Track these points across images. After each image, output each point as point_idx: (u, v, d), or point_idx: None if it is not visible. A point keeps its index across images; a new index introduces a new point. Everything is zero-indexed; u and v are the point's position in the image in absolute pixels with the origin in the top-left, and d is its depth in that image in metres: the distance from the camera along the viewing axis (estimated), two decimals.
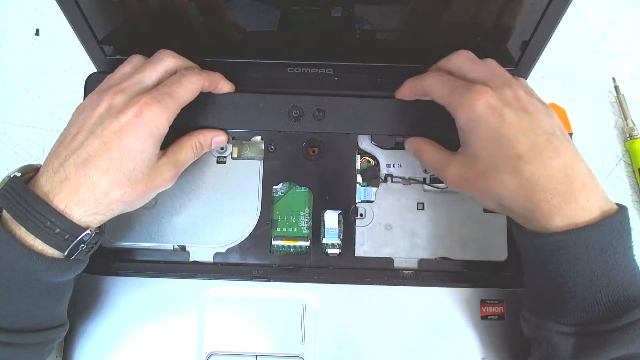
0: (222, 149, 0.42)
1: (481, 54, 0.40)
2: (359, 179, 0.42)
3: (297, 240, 0.41)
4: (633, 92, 0.49)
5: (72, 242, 0.32)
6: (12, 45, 0.52)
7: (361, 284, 0.40)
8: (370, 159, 0.42)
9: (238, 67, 0.41)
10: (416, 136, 0.40)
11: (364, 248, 0.41)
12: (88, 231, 0.32)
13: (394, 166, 0.42)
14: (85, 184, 0.32)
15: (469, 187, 0.35)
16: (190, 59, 0.38)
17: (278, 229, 0.41)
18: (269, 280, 0.40)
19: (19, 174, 0.33)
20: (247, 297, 0.40)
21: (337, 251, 0.41)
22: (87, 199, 0.32)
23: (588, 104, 0.50)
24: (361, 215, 0.41)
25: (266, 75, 0.41)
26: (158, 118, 0.33)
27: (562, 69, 0.50)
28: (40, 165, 0.34)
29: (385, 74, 0.41)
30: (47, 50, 0.52)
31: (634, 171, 0.47)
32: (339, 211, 0.41)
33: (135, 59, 0.37)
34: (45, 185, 0.32)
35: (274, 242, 0.41)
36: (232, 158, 0.42)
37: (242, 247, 0.40)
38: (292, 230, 0.41)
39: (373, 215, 0.41)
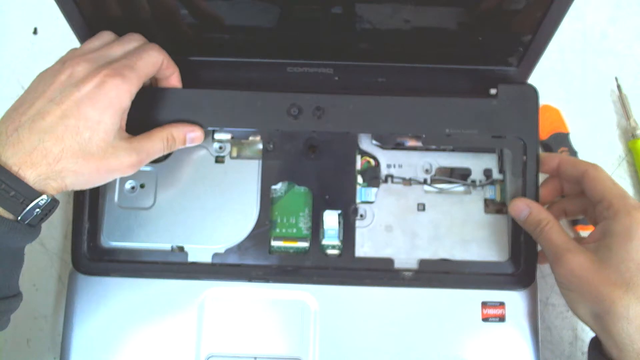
0: (220, 148, 0.42)
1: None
2: (359, 179, 0.41)
3: (296, 240, 0.40)
4: (635, 91, 0.49)
5: (28, 205, 0.31)
6: (10, 44, 0.52)
7: (361, 285, 0.39)
8: (371, 160, 0.42)
9: (237, 66, 0.40)
10: (524, 199, 0.38)
11: (364, 249, 0.40)
12: (44, 196, 0.32)
13: (394, 167, 0.42)
14: (39, 148, 0.31)
15: (580, 286, 0.33)
16: (188, 58, 0.38)
17: (277, 230, 0.41)
18: (268, 281, 0.39)
19: None
20: (246, 298, 0.39)
21: (336, 252, 0.40)
22: (40, 162, 0.31)
23: (590, 103, 0.49)
24: (361, 216, 0.41)
25: (266, 74, 0.41)
26: (119, 89, 0.33)
27: (564, 68, 0.50)
28: None
29: (386, 73, 0.40)
30: (46, 49, 0.51)
31: (636, 171, 0.47)
32: (339, 211, 0.40)
33: (105, 35, 0.37)
34: None
35: (273, 243, 0.40)
36: (231, 157, 0.42)
37: (240, 248, 0.40)
38: (292, 230, 0.41)
39: (373, 216, 0.41)
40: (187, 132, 0.38)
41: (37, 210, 0.32)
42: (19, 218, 0.32)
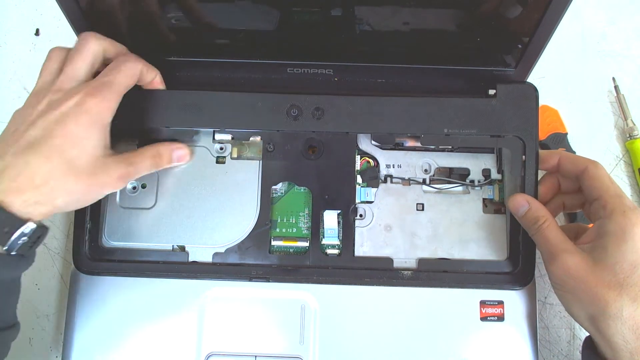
0: (221, 148, 0.42)
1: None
2: (359, 179, 0.42)
3: (296, 240, 0.41)
4: (633, 92, 0.49)
5: (13, 234, 0.31)
6: (12, 45, 0.52)
7: (360, 284, 0.39)
8: (370, 160, 0.42)
9: (238, 67, 0.41)
10: (524, 194, 0.38)
11: (363, 248, 0.41)
12: (29, 224, 0.31)
13: (393, 167, 0.42)
14: (25, 173, 0.31)
15: (575, 286, 0.34)
16: (190, 59, 0.38)
17: (277, 229, 0.41)
18: (268, 281, 0.39)
19: None
20: (247, 298, 0.40)
21: (336, 251, 0.40)
22: (26, 186, 0.31)
23: (588, 104, 0.50)
24: (361, 215, 0.41)
25: (266, 75, 0.41)
26: (99, 107, 0.33)
27: (562, 69, 0.50)
28: None
29: (385, 74, 0.41)
30: (47, 50, 0.51)
31: (634, 171, 0.47)
32: (339, 211, 0.41)
33: (56, 53, 0.36)
34: None
35: (273, 243, 0.41)
36: (232, 158, 0.42)
37: (241, 248, 0.40)
38: (292, 230, 0.41)
39: (373, 216, 0.41)
40: (174, 150, 0.39)
41: (24, 238, 0.31)
42: (5, 248, 0.31)
